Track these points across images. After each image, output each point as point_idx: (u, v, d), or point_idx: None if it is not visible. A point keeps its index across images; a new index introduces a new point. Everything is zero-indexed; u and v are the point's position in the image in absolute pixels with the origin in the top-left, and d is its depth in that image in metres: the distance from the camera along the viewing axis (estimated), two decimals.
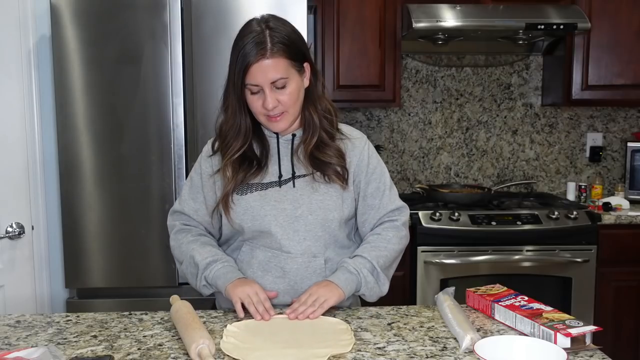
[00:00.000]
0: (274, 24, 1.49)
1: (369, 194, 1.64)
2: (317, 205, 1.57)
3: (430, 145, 3.49)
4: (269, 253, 1.59)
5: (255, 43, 1.45)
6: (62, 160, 2.50)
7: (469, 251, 2.81)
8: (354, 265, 1.56)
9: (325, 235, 1.60)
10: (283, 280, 1.59)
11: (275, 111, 1.50)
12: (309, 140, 1.57)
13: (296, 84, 1.51)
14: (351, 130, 1.67)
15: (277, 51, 1.45)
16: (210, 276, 1.56)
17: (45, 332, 1.44)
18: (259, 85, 1.47)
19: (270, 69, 1.46)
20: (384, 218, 1.65)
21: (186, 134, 2.52)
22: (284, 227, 1.56)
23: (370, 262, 1.57)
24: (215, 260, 1.58)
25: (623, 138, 3.51)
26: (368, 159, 1.63)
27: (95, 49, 2.46)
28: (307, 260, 1.59)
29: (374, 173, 1.64)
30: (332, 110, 1.62)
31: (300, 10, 2.46)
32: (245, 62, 1.45)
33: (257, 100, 1.50)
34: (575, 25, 2.88)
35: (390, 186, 1.67)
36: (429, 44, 3.20)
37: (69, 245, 2.54)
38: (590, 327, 1.29)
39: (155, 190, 2.52)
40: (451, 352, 1.29)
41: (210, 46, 2.46)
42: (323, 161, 1.57)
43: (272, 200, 1.57)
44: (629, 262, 2.91)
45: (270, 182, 1.59)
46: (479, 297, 1.54)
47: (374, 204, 1.64)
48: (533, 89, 3.50)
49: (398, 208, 1.67)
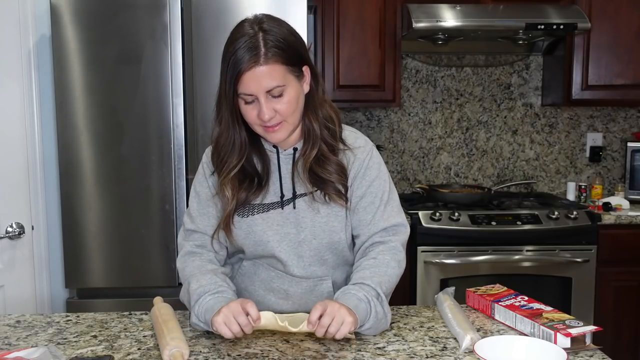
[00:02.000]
0: (269, 25, 1.33)
1: (362, 207, 1.47)
2: (320, 229, 1.46)
3: (430, 145, 3.49)
4: (272, 273, 1.52)
5: (247, 48, 1.30)
6: (62, 160, 2.50)
7: (469, 251, 2.81)
8: (364, 292, 1.35)
9: (333, 258, 1.50)
10: (286, 302, 1.52)
11: (273, 121, 1.35)
12: (309, 153, 1.42)
13: (294, 91, 1.36)
14: (355, 139, 1.50)
15: (272, 56, 1.30)
16: (201, 312, 1.36)
17: (45, 332, 1.43)
18: (253, 95, 1.33)
19: (265, 76, 1.31)
20: (375, 237, 1.47)
21: (186, 134, 2.51)
22: (287, 252, 1.47)
23: (374, 289, 1.37)
24: (205, 291, 1.37)
25: (623, 138, 3.51)
26: (365, 170, 1.48)
27: (95, 49, 2.46)
28: (313, 284, 1.51)
29: (371, 186, 1.48)
30: (335, 118, 1.46)
31: (300, 10, 2.46)
32: (236, 69, 1.31)
33: (251, 111, 1.35)
34: (575, 25, 2.88)
35: (387, 201, 1.49)
36: (429, 44, 3.20)
37: (69, 245, 2.54)
38: (590, 327, 1.29)
39: (155, 190, 2.52)
40: (451, 352, 1.29)
41: (210, 46, 2.46)
42: (322, 178, 1.43)
43: (275, 224, 1.46)
44: (629, 262, 2.91)
45: (272, 203, 1.46)
46: (479, 297, 1.54)
47: (365, 219, 1.47)
48: (533, 89, 3.50)
49: (394, 226, 1.48)
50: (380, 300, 1.37)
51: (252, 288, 1.55)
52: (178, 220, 2.52)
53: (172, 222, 2.53)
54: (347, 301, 1.32)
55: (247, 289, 1.56)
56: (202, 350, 1.31)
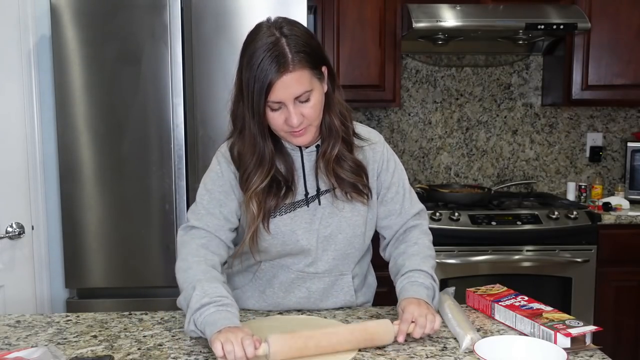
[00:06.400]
0: (289, 29, 1.30)
1: (389, 198, 1.53)
2: (345, 224, 1.48)
3: (430, 145, 3.49)
4: (293, 275, 1.52)
5: (274, 56, 1.26)
6: (62, 160, 2.50)
7: (469, 251, 2.81)
8: (429, 280, 1.45)
9: (355, 252, 1.54)
10: (307, 301, 1.54)
11: (300, 126, 1.35)
12: (331, 150, 1.42)
13: (319, 94, 1.36)
14: (368, 133, 1.55)
15: (298, 62, 1.28)
16: (200, 322, 1.28)
17: (45, 332, 1.43)
18: (280, 102, 1.30)
19: (294, 83, 1.28)
20: (409, 222, 1.56)
21: (186, 134, 2.51)
22: (317, 248, 1.48)
23: (430, 274, 1.46)
24: (210, 302, 1.29)
25: (623, 138, 3.51)
26: (387, 162, 1.53)
27: (95, 49, 2.46)
28: (334, 279, 1.54)
29: (394, 176, 1.54)
30: (347, 115, 1.48)
31: (300, 10, 2.45)
32: (266, 80, 1.26)
33: (278, 117, 1.33)
34: (575, 25, 2.88)
35: (409, 188, 1.58)
36: (429, 44, 3.20)
37: (69, 245, 2.54)
38: (590, 327, 1.29)
39: (155, 190, 2.52)
40: (451, 352, 1.29)
41: (210, 46, 2.46)
42: (340, 177, 1.44)
43: (303, 222, 1.46)
44: (629, 262, 2.91)
45: (298, 202, 1.46)
46: (479, 297, 1.54)
47: (395, 209, 1.54)
48: (533, 89, 3.50)
49: (419, 212, 1.57)
50: (435, 282, 1.47)
51: (270, 291, 1.55)
52: (178, 220, 2.52)
53: (172, 222, 2.53)
54: (418, 291, 1.41)
55: (264, 292, 1.56)
56: (202, 350, 1.31)
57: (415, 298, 1.38)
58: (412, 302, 1.36)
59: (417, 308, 1.34)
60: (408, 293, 1.40)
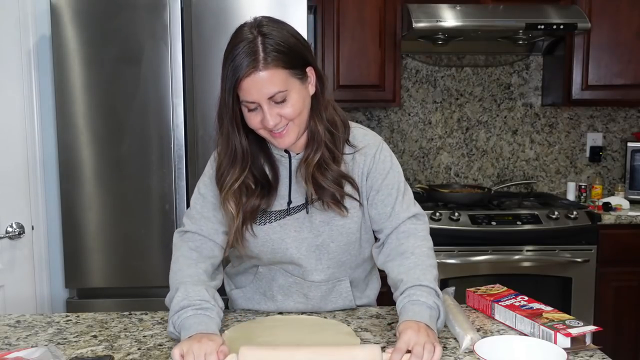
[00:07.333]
0: (268, 28, 1.28)
1: (379, 200, 1.46)
2: (337, 232, 1.44)
3: (430, 145, 3.49)
4: (290, 279, 1.51)
5: (246, 53, 1.24)
6: (62, 160, 2.50)
7: (469, 251, 2.81)
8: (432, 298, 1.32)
9: (350, 259, 1.51)
10: (306, 306, 1.54)
11: (279, 127, 1.31)
12: (312, 157, 1.37)
13: (298, 94, 1.31)
14: (364, 136, 1.48)
15: (271, 61, 1.25)
16: (177, 324, 1.32)
17: (45, 332, 1.43)
18: (255, 102, 1.28)
19: (266, 82, 1.25)
20: (402, 227, 1.45)
21: (186, 134, 2.51)
22: (307, 257, 1.46)
23: (433, 288, 1.34)
24: (188, 305, 1.32)
25: (623, 138, 3.51)
26: (377, 164, 1.45)
27: (95, 49, 2.46)
28: (332, 286, 1.52)
29: (386, 178, 1.45)
30: (339, 123, 1.42)
31: (300, 10, 2.45)
32: (235, 76, 1.25)
33: (254, 117, 1.31)
34: (575, 25, 2.88)
35: (404, 192, 1.48)
36: (429, 44, 3.20)
37: (69, 245, 2.54)
38: (590, 327, 1.29)
39: (155, 191, 2.52)
40: (451, 352, 1.29)
41: (210, 46, 2.46)
42: (320, 184, 1.39)
43: (292, 230, 1.44)
44: (629, 262, 2.91)
45: (288, 209, 1.44)
46: (479, 297, 1.54)
47: (385, 212, 1.45)
48: (533, 89, 3.50)
49: (414, 215, 1.46)
50: (439, 297, 1.35)
51: (270, 293, 1.55)
52: (178, 221, 2.52)
53: (172, 222, 2.53)
54: (420, 312, 1.28)
55: (265, 294, 1.56)
56: None
57: (415, 322, 1.25)
58: (411, 327, 1.23)
59: (415, 335, 1.20)
60: (408, 314, 1.28)
